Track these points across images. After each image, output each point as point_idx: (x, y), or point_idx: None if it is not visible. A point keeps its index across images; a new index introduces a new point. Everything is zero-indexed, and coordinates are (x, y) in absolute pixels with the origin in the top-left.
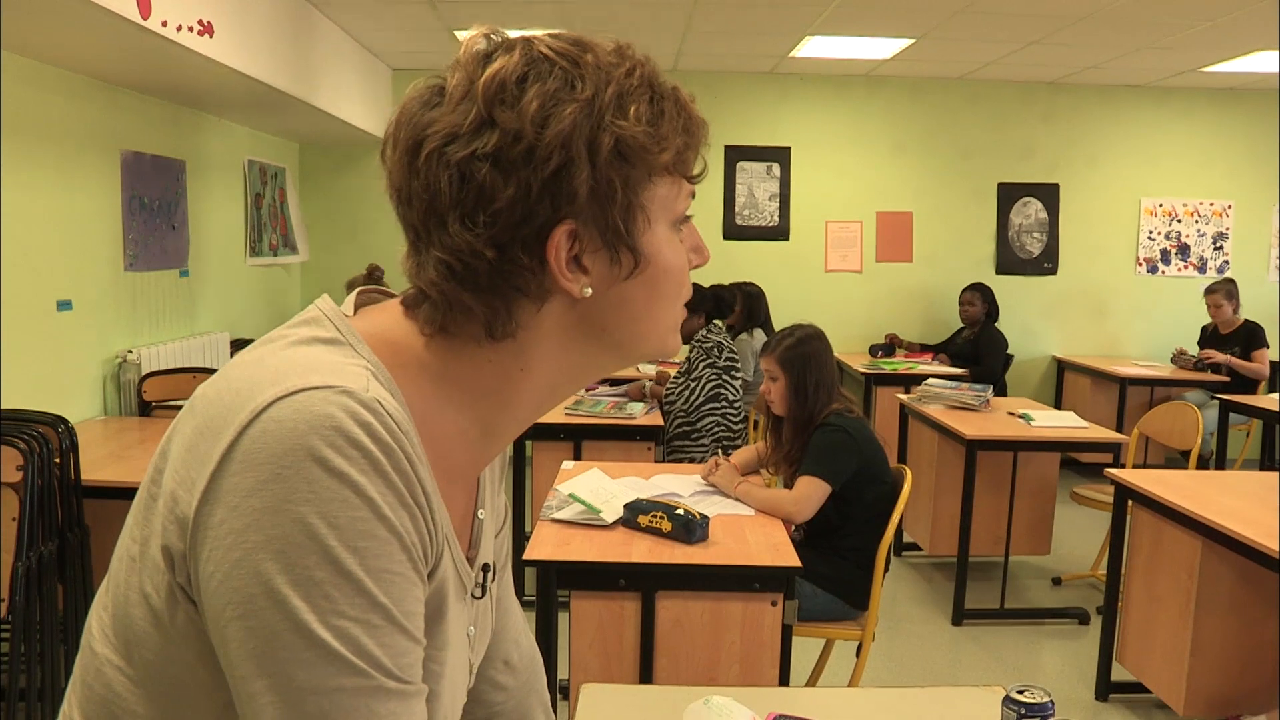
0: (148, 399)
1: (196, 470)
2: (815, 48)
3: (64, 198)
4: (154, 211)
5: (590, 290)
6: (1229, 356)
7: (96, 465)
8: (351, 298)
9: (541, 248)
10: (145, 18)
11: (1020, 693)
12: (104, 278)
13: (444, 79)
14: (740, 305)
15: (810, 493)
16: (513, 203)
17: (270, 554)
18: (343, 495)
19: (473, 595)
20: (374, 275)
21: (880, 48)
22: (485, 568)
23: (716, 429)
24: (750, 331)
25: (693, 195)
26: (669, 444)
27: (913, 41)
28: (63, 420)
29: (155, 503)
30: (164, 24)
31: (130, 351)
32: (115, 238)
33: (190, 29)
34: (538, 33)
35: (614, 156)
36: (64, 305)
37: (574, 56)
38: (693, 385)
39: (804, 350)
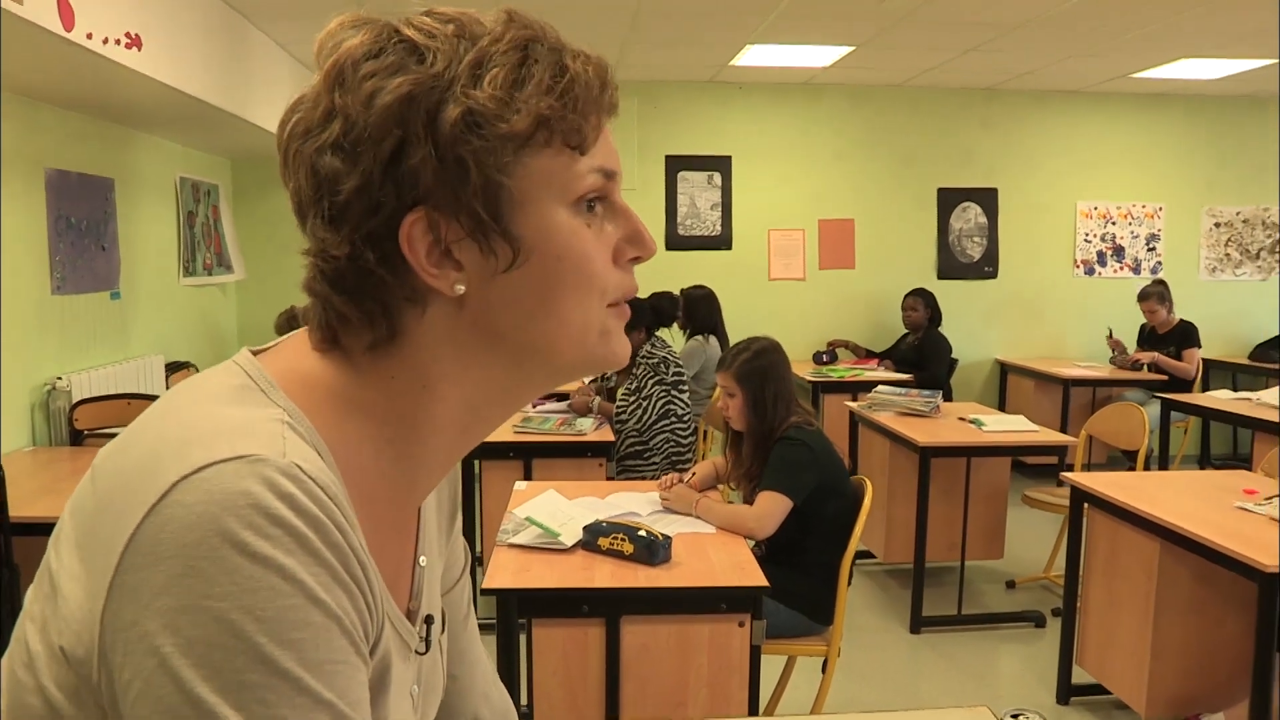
0: (80, 427)
1: (99, 560)
2: (755, 56)
3: None
4: (82, 232)
5: (463, 287)
6: (1155, 354)
7: (26, 500)
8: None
9: (396, 241)
10: (69, 30)
11: (1015, 717)
12: (30, 302)
13: None
14: (682, 309)
15: (772, 509)
16: (356, 192)
17: (191, 660)
18: (269, 583)
19: (416, 652)
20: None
21: (820, 55)
22: (429, 619)
23: (667, 445)
24: (706, 337)
25: (608, 175)
26: (620, 463)
27: (852, 49)
28: None
29: (56, 584)
30: (89, 36)
31: (60, 378)
32: (41, 259)
33: (117, 41)
34: (411, 12)
35: (462, 130)
36: None
37: (431, 29)
38: (644, 404)
39: (760, 364)
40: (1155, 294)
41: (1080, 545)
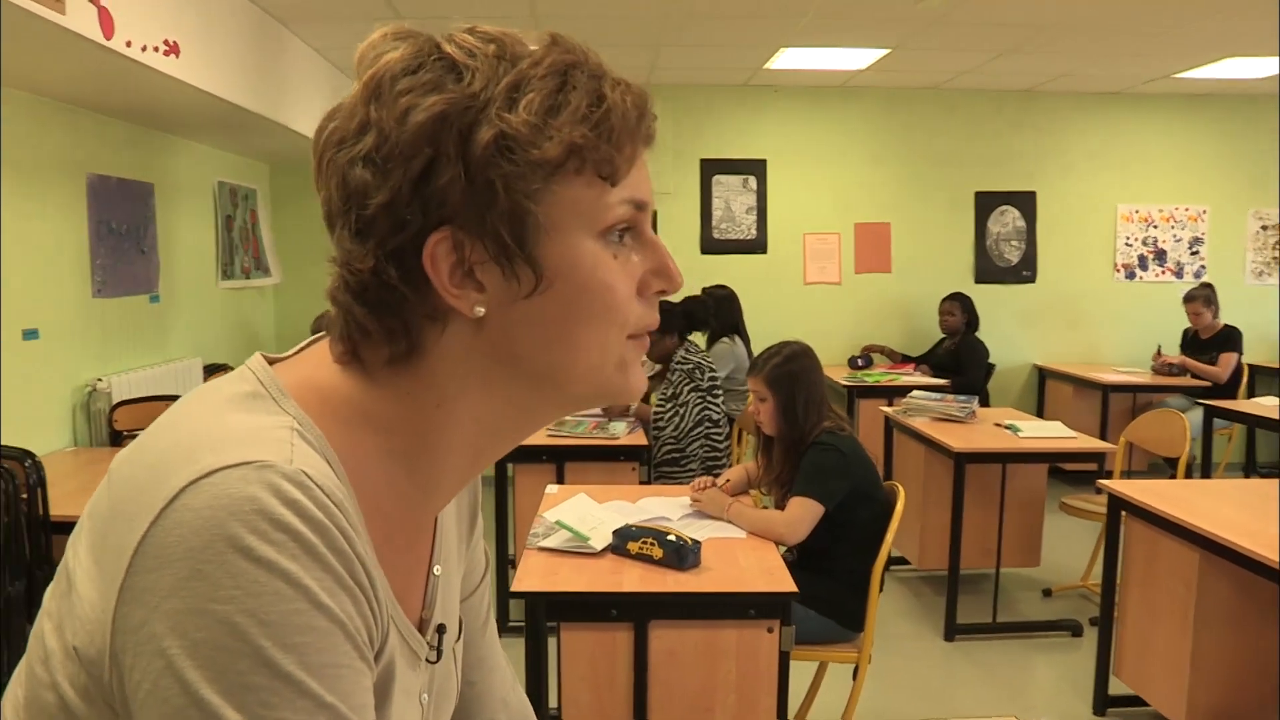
0: (119, 428)
1: (111, 563)
2: (790, 59)
3: (28, 224)
4: (123, 236)
5: (483, 309)
6: (1183, 358)
7: (66, 499)
8: (308, 341)
9: (419, 258)
10: (108, 38)
11: None
12: (71, 305)
13: None
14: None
15: (802, 514)
16: (384, 208)
17: (196, 662)
18: (273, 587)
19: (427, 660)
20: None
21: (855, 58)
22: (441, 629)
23: (703, 451)
24: (731, 338)
25: (639, 206)
26: (656, 469)
27: (888, 52)
28: (29, 454)
29: (73, 583)
30: (128, 44)
31: (100, 380)
32: (82, 263)
33: (155, 49)
34: (455, 29)
35: (494, 153)
36: (30, 334)
37: (472, 48)
38: (680, 411)
39: (791, 368)
40: (1201, 296)
41: (1118, 554)
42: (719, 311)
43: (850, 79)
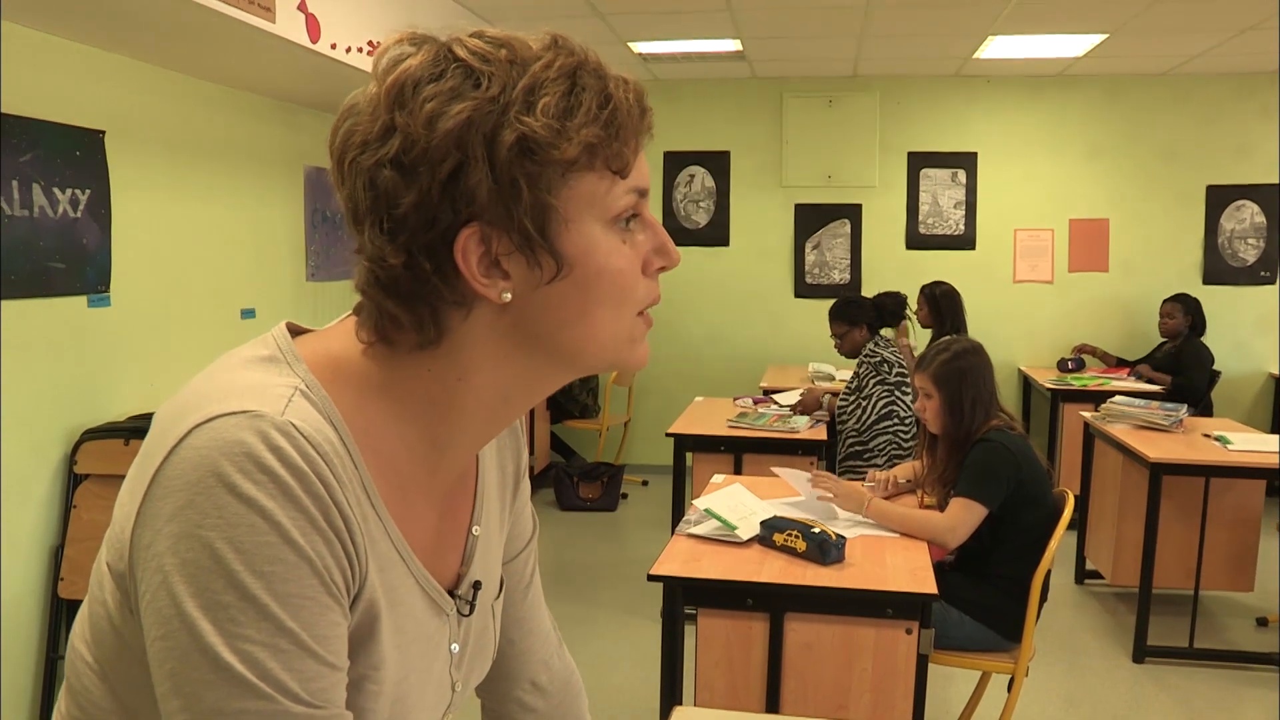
0: None
1: (134, 492)
2: (1000, 48)
3: (251, 212)
4: (336, 224)
5: (510, 295)
6: None
7: None
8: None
9: (450, 252)
10: (314, 41)
11: None
12: (286, 287)
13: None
14: (926, 307)
15: (965, 516)
16: (414, 207)
17: (182, 578)
18: (250, 520)
19: (459, 613)
20: None
21: (1071, 45)
22: (477, 585)
23: (890, 448)
24: (956, 337)
25: (641, 193)
26: (841, 464)
27: (1106, 37)
28: None
29: (115, 511)
30: (333, 46)
31: None
32: (298, 249)
33: (360, 50)
34: (462, 33)
35: (517, 154)
36: (248, 314)
37: (485, 54)
38: (864, 404)
39: (958, 365)
40: None
41: None
42: (947, 306)
43: (1067, 67)
